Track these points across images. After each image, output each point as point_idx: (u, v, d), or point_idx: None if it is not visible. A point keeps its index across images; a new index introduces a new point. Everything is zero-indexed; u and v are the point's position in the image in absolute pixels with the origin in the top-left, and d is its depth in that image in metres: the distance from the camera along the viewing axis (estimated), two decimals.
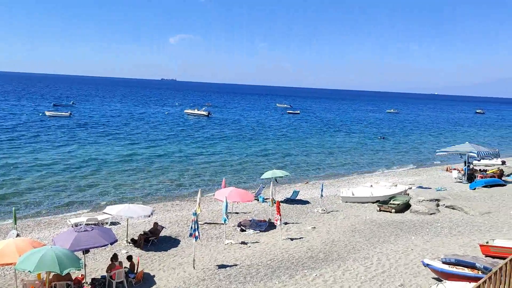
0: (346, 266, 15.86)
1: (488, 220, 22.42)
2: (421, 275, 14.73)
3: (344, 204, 27.36)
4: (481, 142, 59.01)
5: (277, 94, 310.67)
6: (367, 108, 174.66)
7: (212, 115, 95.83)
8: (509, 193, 28.19)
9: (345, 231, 21.02)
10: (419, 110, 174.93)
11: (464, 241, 18.67)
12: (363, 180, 35.65)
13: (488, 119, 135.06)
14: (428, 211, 24.64)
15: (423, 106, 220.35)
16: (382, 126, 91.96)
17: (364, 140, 65.80)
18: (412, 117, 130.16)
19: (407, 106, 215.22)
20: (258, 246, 19.11)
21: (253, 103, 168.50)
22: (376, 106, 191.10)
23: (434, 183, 33.32)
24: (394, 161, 48.04)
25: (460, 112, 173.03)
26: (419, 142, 66.42)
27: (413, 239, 19.36)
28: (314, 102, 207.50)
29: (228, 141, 57.26)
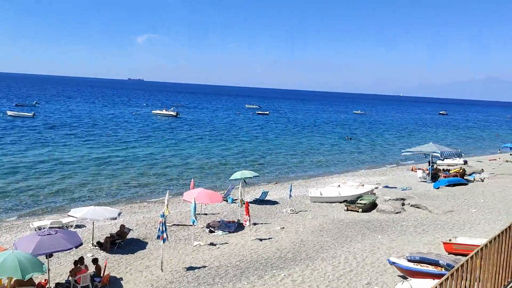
0: (314, 266, 16.00)
1: (451, 218, 23.07)
2: (387, 273, 15.00)
3: (313, 204, 27.61)
4: (444, 142, 60.70)
5: (246, 95, 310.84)
6: (334, 109, 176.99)
7: (181, 116, 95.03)
8: (471, 192, 29.09)
9: (314, 230, 21.22)
10: (385, 111, 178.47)
11: (428, 239, 19.15)
12: (331, 180, 36.08)
13: (451, 120, 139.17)
14: (394, 210, 25.14)
15: (389, 108, 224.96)
16: (349, 127, 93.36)
17: (332, 140, 66.64)
18: (379, 118, 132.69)
19: (374, 107, 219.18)
20: (227, 247, 19.05)
21: (223, 104, 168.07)
22: (343, 107, 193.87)
23: (399, 182, 34.04)
24: (361, 161, 48.85)
25: (425, 114, 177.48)
26: (385, 143, 67.78)
27: (379, 238, 19.71)
28: (283, 103, 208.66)
29: (197, 142, 56.89)
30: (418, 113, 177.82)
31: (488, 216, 22.79)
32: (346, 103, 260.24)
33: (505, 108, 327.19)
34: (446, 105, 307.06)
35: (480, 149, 63.63)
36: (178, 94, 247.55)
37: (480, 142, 76.07)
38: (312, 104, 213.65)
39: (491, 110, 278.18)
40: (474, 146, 67.26)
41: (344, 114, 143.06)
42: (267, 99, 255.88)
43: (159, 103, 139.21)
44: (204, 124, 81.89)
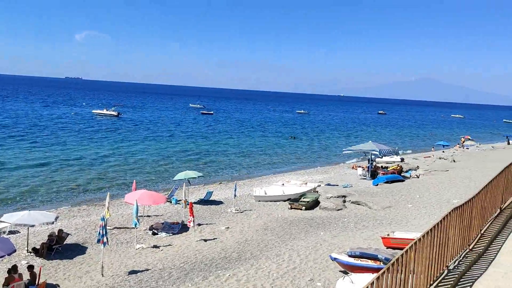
0: (258, 265, 16.08)
1: (389, 214, 24.00)
2: (329, 269, 15.35)
3: (257, 203, 27.78)
4: (383, 140, 63.11)
5: (190, 94, 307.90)
6: (278, 108, 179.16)
7: (123, 116, 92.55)
8: (407, 188, 30.42)
9: (258, 229, 21.35)
10: (327, 111, 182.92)
11: (368, 234, 19.81)
12: (275, 179, 36.46)
13: (389, 119, 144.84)
14: (335, 207, 25.80)
15: (331, 107, 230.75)
16: (293, 126, 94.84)
17: (276, 140, 67.41)
18: (321, 117, 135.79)
19: (316, 107, 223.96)
20: (171, 249, 18.75)
21: (166, 103, 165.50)
22: (287, 107, 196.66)
23: (341, 180, 34.97)
24: (304, 160, 49.78)
25: (365, 113, 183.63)
26: (328, 141, 69.49)
27: (322, 235, 20.15)
28: (228, 103, 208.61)
29: (139, 142, 55.61)
30: (358, 113, 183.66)
31: (423, 211, 23.91)
32: (289, 103, 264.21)
33: (439, 108, 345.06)
34: (384, 105, 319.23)
35: (416, 146, 66.61)
36: (120, 94, 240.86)
37: (416, 140, 79.67)
38: (256, 104, 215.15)
39: (427, 109, 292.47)
40: (410, 144, 70.33)
41: (287, 113, 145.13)
42: (212, 99, 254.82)
43: (99, 103, 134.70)
44: (148, 124, 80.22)
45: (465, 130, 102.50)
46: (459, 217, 8.45)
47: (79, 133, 61.75)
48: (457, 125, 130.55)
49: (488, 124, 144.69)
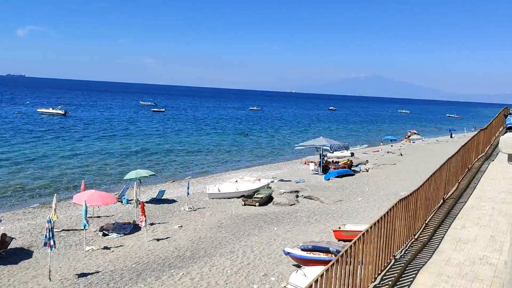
0: (212, 262, 16.03)
1: (340, 207, 24.57)
2: (283, 263, 15.54)
3: (211, 201, 27.66)
4: (334, 136, 64.44)
5: (140, 92, 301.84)
6: (231, 105, 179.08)
7: (71, 114, 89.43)
8: (357, 182, 31.26)
9: (212, 227, 21.27)
10: (280, 107, 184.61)
11: (320, 228, 20.21)
12: (229, 176, 36.43)
13: (340, 115, 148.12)
14: (288, 202, 26.13)
15: (283, 104, 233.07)
16: (246, 123, 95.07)
17: (229, 137, 67.36)
18: (274, 113, 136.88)
19: (269, 103, 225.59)
20: (122, 250, 18.33)
21: (115, 101, 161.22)
22: (239, 104, 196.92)
23: (294, 175, 35.40)
24: (258, 156, 50.03)
25: (316, 109, 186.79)
26: (280, 137, 70.14)
27: (275, 230, 20.35)
28: (180, 100, 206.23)
29: (87, 141, 53.90)
30: (310, 109, 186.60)
31: (372, 204, 24.66)
32: (242, 99, 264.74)
33: (387, 104, 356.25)
34: (335, 101, 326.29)
35: (365, 141, 68.46)
36: (65, 91, 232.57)
37: (365, 135, 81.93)
38: (209, 101, 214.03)
39: (375, 105, 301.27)
40: (360, 139, 72.24)
41: (240, 110, 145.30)
42: (163, 96, 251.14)
43: (44, 101, 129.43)
44: (97, 123, 77.87)
45: (411, 125, 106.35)
46: (404, 208, 8.75)
47: (23, 133, 59.05)
48: (404, 120, 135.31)
49: (432, 118, 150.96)
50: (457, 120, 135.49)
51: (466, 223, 10.34)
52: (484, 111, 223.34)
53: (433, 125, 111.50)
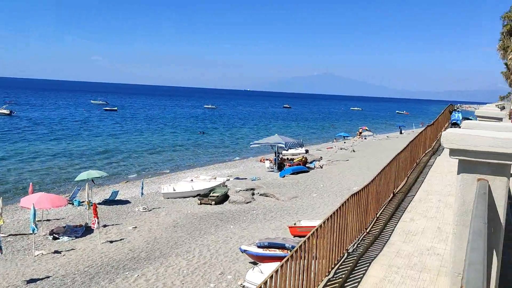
0: (168, 263, 15.85)
1: (296, 203, 24.90)
2: (240, 261, 15.58)
3: (166, 201, 27.30)
4: (288, 133, 65.11)
5: (90, 90, 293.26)
6: (186, 104, 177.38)
7: (17, 114, 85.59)
8: (312, 178, 31.76)
9: (167, 227, 21.01)
10: (234, 105, 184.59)
11: (276, 225, 20.40)
12: (184, 175, 36.08)
13: (294, 113, 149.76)
14: (244, 200, 26.20)
15: (238, 102, 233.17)
16: (201, 121, 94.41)
17: (184, 135, 66.65)
18: (229, 112, 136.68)
19: (224, 101, 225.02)
20: (74, 254, 17.78)
21: (65, 100, 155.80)
22: (195, 102, 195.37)
23: (249, 173, 35.52)
24: (213, 155, 49.80)
25: (270, 107, 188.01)
26: (236, 135, 70.12)
27: (231, 228, 20.36)
28: (133, 99, 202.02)
29: (35, 142, 51.77)
30: (265, 107, 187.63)
31: (326, 199, 25.14)
32: (197, 98, 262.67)
33: (340, 101, 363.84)
34: (289, 99, 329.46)
35: (319, 138, 69.66)
36: (13, 90, 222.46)
37: (319, 132, 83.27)
38: (164, 100, 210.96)
39: (328, 103, 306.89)
40: (314, 136, 73.39)
41: (195, 109, 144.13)
42: (115, 94, 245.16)
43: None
44: (46, 123, 74.91)
45: (363, 122, 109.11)
46: (356, 203, 8.97)
47: None
48: (356, 117, 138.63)
49: (383, 115, 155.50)
50: (406, 117, 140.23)
51: (414, 216, 10.73)
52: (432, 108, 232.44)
53: (384, 122, 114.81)
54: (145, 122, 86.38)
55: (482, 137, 3.22)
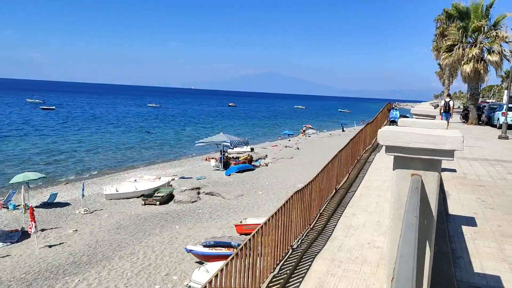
0: (111, 266, 15.43)
1: (242, 201, 24.99)
2: (185, 261, 15.44)
3: (109, 202, 26.50)
4: (234, 132, 65.15)
5: (26, 88, 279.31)
6: (130, 102, 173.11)
7: None
8: (257, 176, 32.01)
9: (110, 229, 20.42)
10: (179, 104, 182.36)
11: (222, 223, 20.39)
12: (127, 175, 35.20)
13: (239, 111, 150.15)
14: (190, 199, 25.96)
15: (183, 100, 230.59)
16: (145, 120, 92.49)
17: (128, 134, 64.99)
18: (174, 110, 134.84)
19: (169, 100, 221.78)
20: (9, 260, 16.86)
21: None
22: (138, 100, 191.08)
23: (195, 172, 35.23)
24: (158, 154, 48.94)
25: (216, 106, 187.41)
26: (181, 134, 69.27)
27: (177, 228, 20.12)
28: (73, 97, 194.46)
29: None
30: (210, 105, 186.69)
31: (272, 197, 25.43)
32: (141, 96, 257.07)
33: (284, 100, 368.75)
34: (234, 98, 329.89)
35: (264, 136, 70.23)
36: None
37: (264, 130, 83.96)
38: (106, 98, 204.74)
39: (273, 101, 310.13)
40: (259, 134, 73.90)
41: (139, 107, 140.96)
42: (54, 92, 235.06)
43: None
44: None
45: (307, 120, 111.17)
46: (300, 200, 9.14)
47: None
48: (300, 115, 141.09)
49: (326, 113, 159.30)
50: (348, 115, 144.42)
51: (356, 211, 11.07)
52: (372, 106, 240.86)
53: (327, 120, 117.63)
54: (86, 121, 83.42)
55: (415, 134, 3.38)
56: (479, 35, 35.79)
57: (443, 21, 52.85)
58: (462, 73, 36.75)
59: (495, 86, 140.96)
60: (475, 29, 35.48)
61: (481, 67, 34.96)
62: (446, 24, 49.71)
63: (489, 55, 34.80)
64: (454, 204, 10.35)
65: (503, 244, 7.69)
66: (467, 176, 13.60)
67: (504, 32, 34.15)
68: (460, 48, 35.50)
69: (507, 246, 7.57)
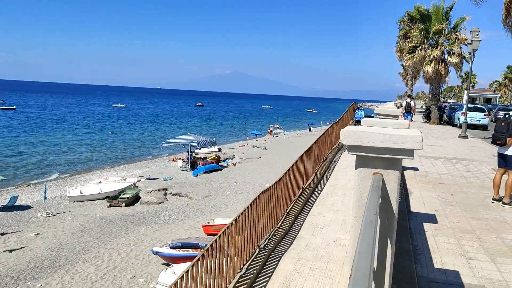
0: (75, 269, 15.07)
1: (209, 202, 24.88)
2: (152, 263, 15.25)
3: (73, 204, 25.86)
4: (202, 132, 64.79)
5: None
6: (93, 102, 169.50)
7: None
8: (225, 176, 31.95)
9: (74, 232, 19.93)
10: (145, 104, 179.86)
11: (190, 224, 20.24)
12: (92, 177, 34.46)
13: (207, 111, 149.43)
14: (156, 201, 25.65)
15: (149, 100, 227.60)
16: (111, 120, 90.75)
17: (93, 135, 63.56)
18: (140, 110, 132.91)
19: (135, 100, 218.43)
20: None
21: None
22: (102, 100, 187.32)
23: (161, 173, 34.82)
24: (124, 155, 48.10)
25: (183, 106, 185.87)
26: (148, 135, 68.31)
27: (143, 230, 19.84)
28: (36, 97, 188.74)
29: None
30: (177, 105, 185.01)
31: (239, 197, 25.43)
32: (105, 96, 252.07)
33: (251, 99, 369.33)
34: (201, 97, 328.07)
35: (232, 136, 70.15)
36: None
37: (232, 130, 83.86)
38: (69, 97, 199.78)
39: (240, 101, 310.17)
40: (226, 134, 73.75)
41: (104, 107, 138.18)
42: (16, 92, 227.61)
43: None
44: None
45: (274, 120, 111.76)
46: (267, 199, 9.18)
47: None
48: (267, 115, 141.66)
49: (293, 113, 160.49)
50: (315, 115, 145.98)
51: (322, 210, 11.21)
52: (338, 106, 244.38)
53: (294, 120, 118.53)
54: (49, 121, 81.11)
55: (376, 133, 3.45)
56: (440, 37, 36.92)
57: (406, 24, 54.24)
58: (424, 74, 37.84)
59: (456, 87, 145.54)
60: (436, 32, 36.59)
61: (442, 68, 36.08)
62: (409, 26, 51.03)
63: (449, 56, 35.97)
64: (416, 201, 10.63)
65: (461, 240, 7.96)
66: (428, 174, 13.99)
67: (464, 35, 35.37)
68: (422, 49, 36.53)
69: (465, 242, 7.84)
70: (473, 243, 7.80)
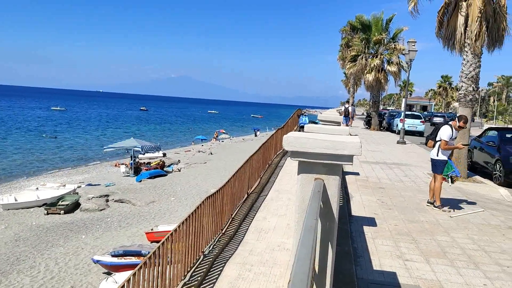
0: (8, 281, 14.26)
1: (153, 208, 24.39)
2: (92, 273, 14.73)
3: (6, 213, 24.47)
4: (146, 137, 63.55)
5: None
6: (29, 105, 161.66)
7: None
8: (170, 182, 31.46)
9: (7, 242, 18.86)
10: (87, 108, 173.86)
11: (133, 231, 19.74)
12: (28, 183, 32.81)
13: (151, 116, 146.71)
14: (98, 207, 24.81)
15: (90, 104, 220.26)
16: (50, 124, 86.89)
17: (30, 140, 60.52)
18: (81, 114, 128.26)
19: (74, 103, 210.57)
20: None
21: None
22: (39, 103, 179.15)
23: (103, 179, 33.75)
24: (64, 160, 46.17)
25: (126, 110, 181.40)
26: (89, 139, 66.00)
27: (83, 238, 19.13)
28: None
29: None
30: (120, 109, 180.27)
31: (184, 202, 25.13)
32: (43, 98, 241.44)
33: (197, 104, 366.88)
34: (146, 101, 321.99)
35: (177, 141, 69.22)
36: None
37: (177, 135, 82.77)
38: (4, 100, 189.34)
39: (186, 105, 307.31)
40: (171, 139, 72.69)
41: (41, 110, 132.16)
42: None
43: None
44: None
45: (220, 125, 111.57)
46: (212, 205, 9.13)
47: None
48: (213, 120, 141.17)
49: (239, 118, 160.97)
50: (261, 120, 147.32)
51: (267, 215, 11.30)
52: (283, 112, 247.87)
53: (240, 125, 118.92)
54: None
55: (317, 140, 3.53)
56: (380, 47, 38.49)
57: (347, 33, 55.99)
58: (365, 81, 39.31)
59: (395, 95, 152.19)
60: (376, 41, 38.09)
61: (382, 77, 37.64)
62: (350, 35, 52.73)
63: (388, 65, 37.58)
64: (356, 205, 10.98)
65: (398, 242, 8.30)
66: (369, 179, 14.49)
67: (401, 45, 37.07)
68: (363, 58, 37.92)
69: (402, 244, 8.18)
70: (409, 244, 8.16)
